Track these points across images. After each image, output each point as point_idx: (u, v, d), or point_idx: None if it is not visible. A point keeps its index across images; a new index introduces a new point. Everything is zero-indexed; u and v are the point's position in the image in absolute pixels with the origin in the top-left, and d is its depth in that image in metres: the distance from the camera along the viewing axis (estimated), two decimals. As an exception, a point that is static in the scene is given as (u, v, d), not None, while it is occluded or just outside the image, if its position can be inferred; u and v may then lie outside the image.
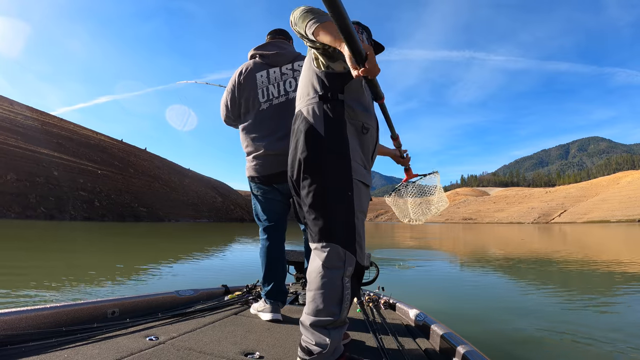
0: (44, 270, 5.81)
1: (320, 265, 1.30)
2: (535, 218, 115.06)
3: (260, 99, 2.18)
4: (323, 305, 1.27)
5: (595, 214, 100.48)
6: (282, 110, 2.15)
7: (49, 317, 1.59)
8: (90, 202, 39.35)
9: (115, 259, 7.94)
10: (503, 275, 6.75)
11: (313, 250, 1.35)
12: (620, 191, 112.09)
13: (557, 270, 7.55)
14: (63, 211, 35.19)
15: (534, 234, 29.12)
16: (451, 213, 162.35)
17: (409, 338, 1.81)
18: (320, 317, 1.27)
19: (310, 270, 1.34)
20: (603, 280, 6.20)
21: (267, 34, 2.39)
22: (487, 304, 4.28)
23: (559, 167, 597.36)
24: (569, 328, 3.28)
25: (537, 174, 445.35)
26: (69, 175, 39.80)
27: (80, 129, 57.90)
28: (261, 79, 2.20)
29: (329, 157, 1.32)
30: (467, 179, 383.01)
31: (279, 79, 2.21)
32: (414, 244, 16.15)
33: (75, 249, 10.11)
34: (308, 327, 1.29)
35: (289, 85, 2.21)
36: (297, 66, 2.24)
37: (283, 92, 2.20)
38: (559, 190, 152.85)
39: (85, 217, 36.41)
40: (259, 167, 2.14)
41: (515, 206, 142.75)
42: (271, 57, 2.23)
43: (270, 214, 2.23)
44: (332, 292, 1.27)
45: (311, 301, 1.30)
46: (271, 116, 2.16)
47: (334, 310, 1.27)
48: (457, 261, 9.42)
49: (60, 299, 3.94)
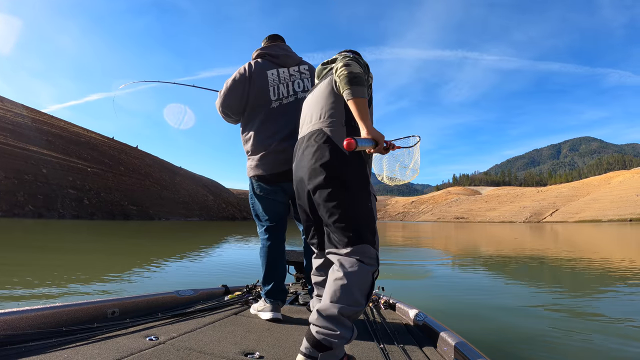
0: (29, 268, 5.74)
1: (355, 260, 1.38)
2: (527, 217, 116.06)
3: (271, 96, 2.18)
4: (354, 295, 1.32)
5: (586, 213, 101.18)
6: (291, 110, 2.16)
7: (49, 317, 1.59)
8: (79, 200, 38.88)
9: (102, 260, 7.85)
10: (500, 275, 6.79)
11: (342, 255, 1.42)
12: (611, 191, 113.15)
13: (554, 269, 7.64)
14: (52, 209, 34.72)
15: (526, 233, 29.32)
16: (443, 212, 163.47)
17: (409, 338, 1.82)
18: (350, 304, 1.30)
19: (341, 263, 1.39)
20: (602, 278, 6.27)
21: (267, 38, 2.42)
22: (486, 304, 4.28)
23: (551, 167, 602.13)
24: (568, 327, 3.31)
25: (528, 174, 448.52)
26: (58, 173, 39.27)
27: (70, 127, 57.18)
28: (272, 76, 2.21)
29: (354, 171, 1.48)
30: (459, 178, 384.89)
31: (288, 79, 2.24)
32: (409, 243, 16.24)
33: (64, 248, 9.97)
34: (334, 315, 1.29)
35: (297, 86, 2.24)
36: (303, 69, 2.29)
37: (292, 92, 2.22)
38: (551, 190, 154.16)
39: (74, 215, 35.98)
40: (266, 165, 2.13)
41: (507, 205, 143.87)
42: (281, 58, 2.26)
43: (272, 214, 2.23)
44: (364, 284, 1.35)
45: (340, 290, 1.32)
46: (281, 115, 2.17)
47: (362, 301, 1.33)
48: (455, 261, 9.46)
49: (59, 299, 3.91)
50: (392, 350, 1.58)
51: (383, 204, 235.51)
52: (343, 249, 1.41)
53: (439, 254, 11.19)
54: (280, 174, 2.10)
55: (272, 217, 2.22)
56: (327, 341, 1.26)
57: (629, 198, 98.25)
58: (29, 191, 34.25)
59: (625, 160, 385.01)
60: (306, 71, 2.30)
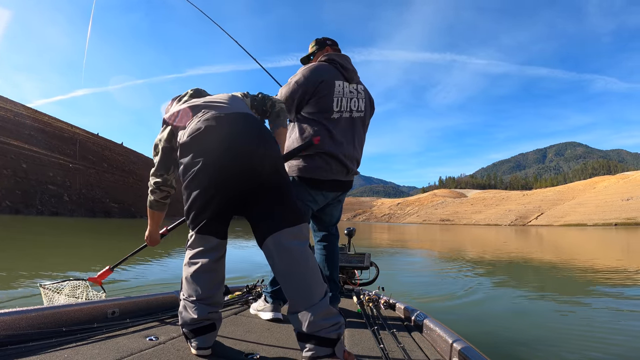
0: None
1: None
2: (513, 220, 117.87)
3: (334, 107, 2.16)
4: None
5: (572, 217, 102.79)
6: (348, 126, 2.20)
7: (49, 317, 1.58)
8: (59, 196, 37.99)
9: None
10: (497, 276, 6.85)
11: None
12: (597, 195, 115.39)
13: (549, 271, 7.79)
14: (30, 205, 33.85)
15: (513, 236, 29.70)
16: (429, 214, 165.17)
17: (409, 338, 1.83)
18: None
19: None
20: (598, 280, 6.42)
21: (327, 42, 2.38)
22: (486, 304, 4.34)
23: (536, 171, 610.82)
24: (568, 327, 3.39)
25: (514, 177, 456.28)
26: (38, 168, 38.30)
27: (54, 122, 55.81)
28: (339, 88, 2.19)
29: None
30: (445, 181, 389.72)
31: (349, 94, 2.23)
32: (398, 245, 16.33)
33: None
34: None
35: (354, 104, 2.24)
36: (360, 89, 2.30)
37: (349, 109, 2.22)
38: (536, 194, 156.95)
39: (52, 211, 35.15)
40: (322, 171, 2.13)
41: (493, 208, 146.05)
42: (349, 72, 2.26)
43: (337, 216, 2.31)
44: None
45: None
46: (339, 127, 2.17)
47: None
48: (449, 262, 9.54)
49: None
50: (392, 350, 1.59)
51: (369, 205, 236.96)
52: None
53: (434, 255, 11.28)
54: (328, 182, 2.17)
55: None
56: (334, 336, 1.36)
57: (614, 203, 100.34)
58: (7, 186, 33.26)
59: (610, 165, 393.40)
60: (362, 92, 2.30)
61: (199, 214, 1.45)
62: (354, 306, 2.41)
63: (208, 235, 1.46)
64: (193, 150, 1.45)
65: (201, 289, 1.42)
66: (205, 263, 1.44)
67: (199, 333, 1.43)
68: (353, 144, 2.23)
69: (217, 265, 1.48)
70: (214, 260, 1.46)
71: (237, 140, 1.44)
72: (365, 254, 3.19)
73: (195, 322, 1.42)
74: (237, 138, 1.45)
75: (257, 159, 1.44)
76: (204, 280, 1.44)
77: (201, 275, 1.43)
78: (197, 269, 1.43)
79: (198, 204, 1.45)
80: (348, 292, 2.89)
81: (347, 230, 3.63)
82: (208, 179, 1.42)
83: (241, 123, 1.50)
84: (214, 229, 1.46)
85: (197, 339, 1.43)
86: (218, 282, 1.48)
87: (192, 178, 1.44)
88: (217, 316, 1.49)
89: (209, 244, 1.46)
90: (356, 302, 2.45)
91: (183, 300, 1.46)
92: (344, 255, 3.20)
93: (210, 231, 1.46)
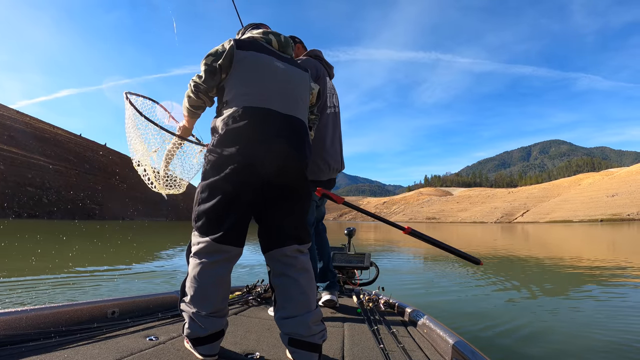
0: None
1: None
2: (499, 217, 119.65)
3: (328, 102, 2.18)
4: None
5: (557, 214, 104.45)
6: (337, 120, 2.22)
7: (49, 317, 1.57)
8: (37, 198, 37.06)
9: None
10: (494, 275, 6.87)
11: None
12: (582, 192, 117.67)
13: (544, 269, 7.84)
14: (7, 208, 32.95)
15: (500, 233, 29.68)
16: (415, 212, 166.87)
17: (409, 338, 1.84)
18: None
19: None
20: (595, 277, 6.52)
21: (296, 40, 2.36)
22: (485, 305, 4.36)
23: (521, 169, 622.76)
24: (568, 327, 3.42)
25: (499, 175, 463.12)
26: (16, 169, 37.31)
27: (36, 122, 54.57)
28: (329, 84, 2.21)
29: None
30: (431, 179, 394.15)
31: (332, 90, 2.26)
32: (388, 245, 16.37)
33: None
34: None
35: (336, 100, 2.27)
36: (333, 85, 2.32)
37: (334, 105, 2.24)
38: (522, 191, 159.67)
39: (30, 214, 34.25)
40: (319, 172, 2.16)
41: (479, 206, 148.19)
42: (331, 70, 2.28)
43: (312, 218, 2.28)
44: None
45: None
46: (331, 123, 2.20)
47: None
48: (447, 261, 9.56)
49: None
50: (392, 350, 1.59)
51: (354, 204, 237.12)
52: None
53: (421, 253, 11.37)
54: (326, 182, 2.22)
55: (311, 222, 2.29)
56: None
57: (600, 199, 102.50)
58: (-17, 188, 32.38)
59: (594, 162, 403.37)
60: (334, 88, 2.33)
61: (220, 219, 1.30)
62: (354, 306, 2.41)
63: (227, 245, 1.30)
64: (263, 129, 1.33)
65: (214, 304, 1.31)
66: (220, 276, 1.31)
67: (208, 342, 1.33)
68: (339, 140, 2.27)
69: (229, 274, 1.37)
70: (229, 271, 1.35)
71: (292, 159, 1.39)
72: (365, 254, 3.19)
73: (205, 335, 1.32)
74: (294, 158, 1.39)
75: (295, 174, 1.41)
76: (217, 293, 1.31)
77: (215, 290, 1.31)
78: (212, 283, 1.30)
79: (221, 209, 1.30)
80: (348, 292, 2.87)
81: (347, 230, 3.62)
82: (245, 188, 1.32)
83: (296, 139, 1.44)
84: (235, 237, 1.32)
85: (205, 347, 1.34)
86: (228, 291, 1.38)
87: (226, 176, 1.29)
88: (226, 322, 1.40)
89: (227, 254, 1.32)
90: (356, 302, 2.45)
91: (191, 314, 1.32)
92: (344, 255, 3.20)
93: (230, 240, 1.31)
